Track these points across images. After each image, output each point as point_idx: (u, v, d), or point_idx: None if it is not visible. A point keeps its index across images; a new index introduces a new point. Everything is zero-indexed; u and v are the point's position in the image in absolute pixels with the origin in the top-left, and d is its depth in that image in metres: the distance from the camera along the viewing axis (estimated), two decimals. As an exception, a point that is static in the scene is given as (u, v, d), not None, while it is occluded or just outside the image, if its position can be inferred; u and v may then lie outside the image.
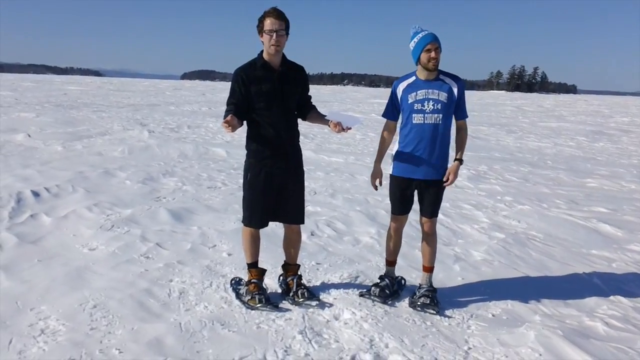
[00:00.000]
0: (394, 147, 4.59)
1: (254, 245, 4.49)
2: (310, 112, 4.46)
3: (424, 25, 4.32)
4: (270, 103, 4.14)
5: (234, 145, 13.25)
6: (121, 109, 24.88)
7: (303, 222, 4.58)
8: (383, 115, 4.61)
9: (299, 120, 4.50)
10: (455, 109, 4.41)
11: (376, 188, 4.68)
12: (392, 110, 4.56)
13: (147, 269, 5.01)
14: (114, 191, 8.02)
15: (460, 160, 4.47)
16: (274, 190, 4.30)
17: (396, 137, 4.60)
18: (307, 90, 4.48)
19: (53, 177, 8.70)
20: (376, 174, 4.63)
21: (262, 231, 4.54)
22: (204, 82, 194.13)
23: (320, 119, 4.39)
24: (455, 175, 4.45)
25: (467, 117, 4.51)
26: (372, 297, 4.50)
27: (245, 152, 4.39)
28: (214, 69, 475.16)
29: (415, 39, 4.28)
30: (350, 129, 4.17)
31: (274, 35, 4.00)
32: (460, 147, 4.54)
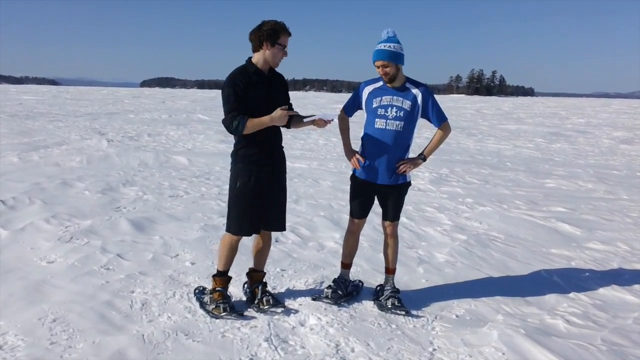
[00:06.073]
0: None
1: (233, 254, 4.46)
2: (292, 118, 4.44)
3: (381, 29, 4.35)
4: (262, 108, 4.17)
5: (195, 153, 13.11)
6: (78, 118, 24.38)
7: (284, 229, 4.60)
8: (343, 108, 4.66)
9: (283, 130, 4.48)
10: (428, 117, 4.42)
11: (358, 164, 4.50)
12: (352, 106, 4.62)
13: (108, 281, 4.91)
14: (72, 202, 7.84)
15: (422, 157, 4.51)
16: (263, 196, 4.31)
17: (359, 142, 4.62)
18: (289, 97, 4.52)
19: (9, 189, 8.47)
20: (350, 153, 4.58)
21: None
22: (164, 89, 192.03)
23: (301, 122, 4.36)
24: (409, 166, 4.43)
25: (445, 120, 4.47)
26: (323, 299, 4.50)
27: (231, 159, 4.36)
28: (174, 76, 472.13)
29: (376, 48, 4.30)
30: (331, 121, 4.22)
31: (286, 51, 4.24)
32: (432, 144, 4.53)
